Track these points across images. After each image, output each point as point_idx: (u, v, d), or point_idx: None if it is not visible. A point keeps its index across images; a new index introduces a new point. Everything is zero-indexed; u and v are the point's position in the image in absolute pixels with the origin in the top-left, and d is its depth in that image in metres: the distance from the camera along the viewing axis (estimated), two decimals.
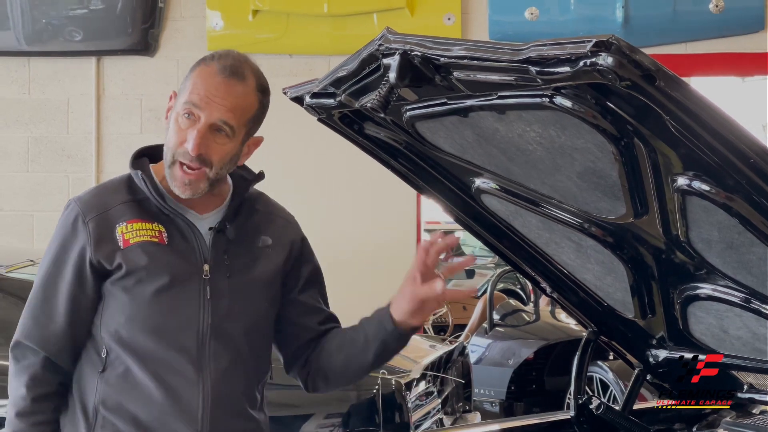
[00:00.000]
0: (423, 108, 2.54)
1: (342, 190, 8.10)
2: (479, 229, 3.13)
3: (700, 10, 7.14)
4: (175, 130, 2.37)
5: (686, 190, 2.24)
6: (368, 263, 8.14)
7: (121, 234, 2.38)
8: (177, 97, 2.40)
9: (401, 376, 5.00)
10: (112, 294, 2.40)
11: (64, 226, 2.44)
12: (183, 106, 2.34)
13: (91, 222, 2.39)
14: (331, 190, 8.10)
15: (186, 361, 2.40)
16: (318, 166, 7.92)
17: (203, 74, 2.36)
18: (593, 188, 2.49)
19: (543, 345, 8.02)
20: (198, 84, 2.35)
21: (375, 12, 7.43)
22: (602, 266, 2.90)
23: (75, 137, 7.70)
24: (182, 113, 2.35)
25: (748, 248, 2.30)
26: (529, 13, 7.29)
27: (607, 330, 3.26)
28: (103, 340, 2.41)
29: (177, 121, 2.36)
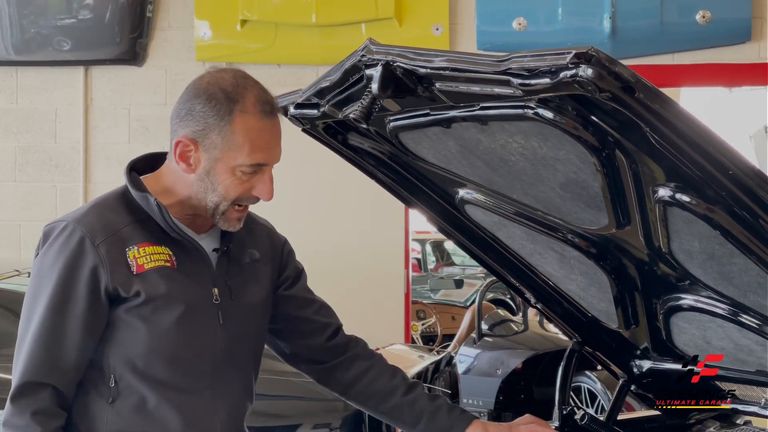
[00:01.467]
0: (406, 119, 2.55)
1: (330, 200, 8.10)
2: (464, 240, 3.13)
3: (687, 21, 7.16)
4: (235, 183, 2.30)
5: (667, 201, 2.25)
6: (357, 273, 8.14)
7: (134, 259, 2.27)
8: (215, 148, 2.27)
9: None
10: (126, 323, 2.28)
11: (66, 248, 2.25)
12: (249, 167, 2.28)
13: (102, 246, 2.25)
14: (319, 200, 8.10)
15: (204, 387, 2.38)
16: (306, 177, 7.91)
17: (255, 129, 2.29)
18: (576, 199, 2.49)
19: (531, 355, 8.01)
20: (256, 141, 2.29)
21: (363, 22, 7.44)
22: (586, 277, 2.90)
23: (63, 147, 7.69)
24: (247, 171, 2.30)
25: (729, 259, 2.30)
26: (517, 24, 7.31)
27: (592, 340, 3.26)
28: (112, 369, 2.30)
29: (236, 175, 2.29)
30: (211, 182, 2.30)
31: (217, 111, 2.25)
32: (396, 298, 8.02)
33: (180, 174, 2.33)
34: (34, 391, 2.21)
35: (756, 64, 7.28)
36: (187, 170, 2.31)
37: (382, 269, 8.21)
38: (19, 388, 2.22)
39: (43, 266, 2.28)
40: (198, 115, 2.26)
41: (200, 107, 2.26)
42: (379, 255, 8.20)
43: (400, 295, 8.12)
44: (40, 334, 2.24)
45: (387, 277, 8.16)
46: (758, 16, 7.26)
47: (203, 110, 2.26)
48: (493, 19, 7.43)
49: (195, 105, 2.27)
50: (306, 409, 5.09)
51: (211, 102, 2.25)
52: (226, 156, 2.27)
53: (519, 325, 8.56)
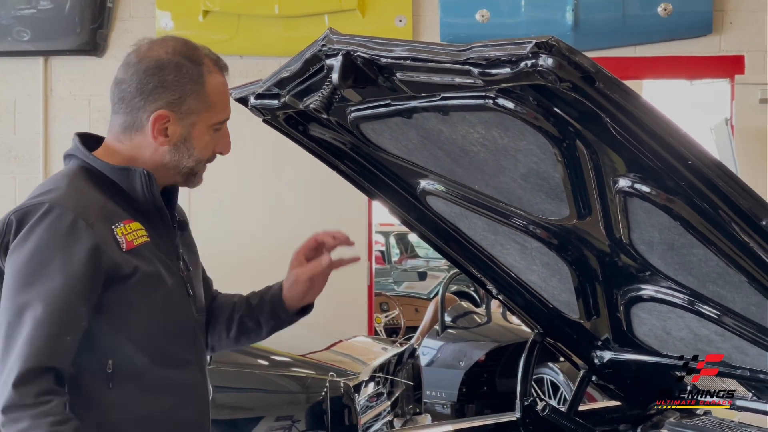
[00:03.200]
0: (367, 109, 2.53)
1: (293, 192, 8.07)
2: (426, 232, 3.13)
3: (649, 14, 7.19)
4: (209, 142, 2.39)
5: (627, 192, 2.25)
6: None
7: (123, 236, 2.26)
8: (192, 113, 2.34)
9: (350, 378, 5.00)
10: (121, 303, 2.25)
11: (57, 230, 2.19)
12: (220, 124, 2.39)
13: (96, 224, 2.22)
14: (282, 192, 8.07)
15: (191, 359, 2.41)
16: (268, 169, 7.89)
17: (221, 85, 2.40)
18: (537, 190, 2.49)
19: (494, 347, 8.03)
20: (223, 96, 2.40)
21: (326, 13, 7.42)
22: (547, 268, 2.91)
23: (22, 138, 7.61)
24: (218, 128, 2.40)
25: (688, 250, 2.31)
26: (480, 16, 7.31)
27: (553, 331, 3.27)
28: (108, 353, 2.25)
29: (207, 134, 2.38)
30: (186, 148, 2.35)
31: (190, 77, 2.32)
32: (359, 290, 8.01)
33: (144, 148, 2.35)
34: (37, 375, 2.14)
35: (717, 57, 7.33)
36: (163, 143, 2.34)
37: None
38: (22, 375, 2.13)
39: (32, 251, 2.19)
40: (172, 86, 2.30)
41: (172, 77, 2.30)
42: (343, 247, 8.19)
43: (363, 287, 8.11)
44: (42, 320, 2.15)
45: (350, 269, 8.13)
46: (719, 9, 7.30)
47: (176, 79, 2.31)
48: (456, 10, 7.42)
49: (165, 76, 2.30)
50: (269, 402, 5.08)
51: (181, 70, 2.31)
52: (203, 117, 2.35)
53: (482, 317, 8.57)
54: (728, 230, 2.09)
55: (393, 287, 13.96)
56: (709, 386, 3.06)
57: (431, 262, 16.07)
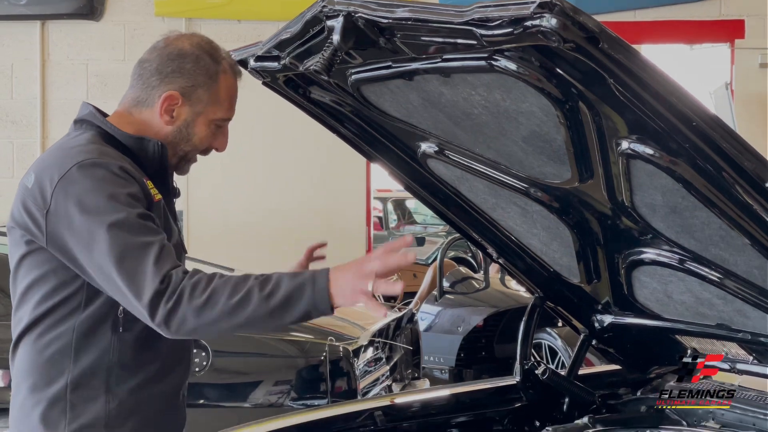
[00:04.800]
0: (368, 71, 2.52)
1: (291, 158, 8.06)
2: (426, 195, 3.11)
3: None
4: (208, 135, 2.55)
5: (630, 154, 2.24)
6: (318, 230, 8.12)
7: (149, 189, 2.41)
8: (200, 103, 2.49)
9: (349, 342, 5.00)
10: None
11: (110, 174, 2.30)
12: (222, 121, 2.56)
13: (132, 172, 2.36)
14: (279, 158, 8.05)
15: None
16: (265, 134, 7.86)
17: (233, 88, 2.57)
18: (538, 152, 2.48)
19: (492, 312, 8.03)
20: (233, 99, 2.57)
21: None
22: (548, 231, 2.90)
23: (19, 103, 7.58)
24: (219, 125, 2.56)
25: (691, 212, 2.30)
26: None
27: (554, 295, 3.27)
28: None
29: (210, 128, 2.54)
30: (187, 133, 2.52)
31: (206, 71, 2.50)
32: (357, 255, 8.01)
33: (151, 123, 2.50)
34: (170, 272, 2.23)
35: (717, 21, 7.30)
36: (168, 122, 2.50)
37: (344, 227, 8.19)
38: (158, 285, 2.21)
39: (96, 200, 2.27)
40: (188, 73, 2.48)
41: (190, 66, 2.49)
42: (341, 213, 8.18)
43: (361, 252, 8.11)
44: (146, 237, 2.25)
45: (348, 235, 8.15)
46: None
47: (193, 69, 2.49)
48: None
49: (184, 64, 2.49)
50: (268, 366, 5.08)
51: (200, 62, 2.50)
52: (209, 110, 2.52)
53: (480, 282, 8.57)
54: (732, 192, 2.08)
55: None
56: (710, 349, 3.06)
57: (429, 228, 16.08)
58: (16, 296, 2.42)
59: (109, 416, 2.36)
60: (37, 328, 2.37)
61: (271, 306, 2.21)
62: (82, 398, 2.35)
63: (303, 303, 2.22)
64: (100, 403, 2.36)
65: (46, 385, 2.37)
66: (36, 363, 2.38)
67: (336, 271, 2.26)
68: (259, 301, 2.21)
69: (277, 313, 2.22)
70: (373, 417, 3.11)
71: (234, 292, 2.21)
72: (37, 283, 2.36)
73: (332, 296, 2.22)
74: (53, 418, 2.35)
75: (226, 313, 2.20)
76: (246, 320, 2.22)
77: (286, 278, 2.25)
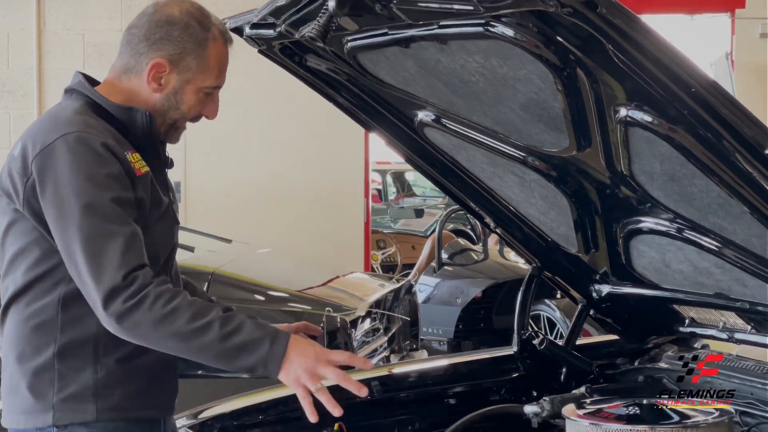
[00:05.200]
0: (364, 38, 2.50)
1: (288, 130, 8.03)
2: (424, 165, 3.10)
3: None
4: (197, 102, 2.48)
5: (629, 122, 2.22)
6: (316, 202, 8.11)
7: (132, 163, 2.37)
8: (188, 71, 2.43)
9: (346, 313, 4.99)
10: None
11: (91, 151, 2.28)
12: (212, 89, 2.49)
13: (114, 148, 2.32)
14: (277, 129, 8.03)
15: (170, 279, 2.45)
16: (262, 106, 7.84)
17: (222, 55, 2.48)
18: (536, 120, 2.46)
19: (491, 284, 8.03)
20: (222, 66, 2.49)
21: None
22: (546, 201, 2.88)
23: (15, 73, 7.55)
24: (208, 92, 2.49)
25: (689, 180, 2.28)
26: None
27: (551, 265, 3.25)
28: None
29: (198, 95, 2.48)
30: (176, 100, 2.47)
31: (195, 38, 2.44)
32: (356, 227, 8.00)
33: (139, 92, 2.47)
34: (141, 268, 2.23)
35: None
36: (156, 90, 2.45)
37: (342, 198, 8.18)
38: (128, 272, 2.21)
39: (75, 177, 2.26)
40: (176, 40, 2.44)
41: (178, 33, 2.44)
42: (339, 184, 8.17)
43: (359, 224, 8.11)
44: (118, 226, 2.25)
45: (347, 206, 8.14)
46: None
47: (181, 36, 2.44)
48: None
49: (172, 31, 2.44)
50: None
51: (189, 29, 2.44)
52: (197, 78, 2.46)
53: (479, 254, 8.57)
54: (731, 159, 2.06)
55: (390, 225, 13.96)
56: (708, 319, 3.05)
57: (428, 200, 16.07)
58: (4, 264, 2.40)
59: (98, 386, 2.34)
60: (23, 298, 2.35)
61: (224, 346, 2.22)
62: (70, 368, 2.33)
63: (254, 357, 2.23)
64: (89, 373, 2.33)
65: (33, 355, 2.35)
66: (23, 333, 2.36)
67: (297, 343, 2.27)
68: (216, 336, 2.21)
69: (227, 354, 2.23)
70: (371, 387, 3.10)
71: (195, 317, 2.22)
72: (23, 252, 2.35)
73: (282, 365, 2.23)
74: (41, 387, 2.33)
75: (181, 335, 2.21)
76: (196, 350, 2.23)
77: (249, 326, 2.25)
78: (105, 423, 2.34)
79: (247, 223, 7.72)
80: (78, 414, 2.33)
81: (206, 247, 6.13)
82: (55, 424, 2.33)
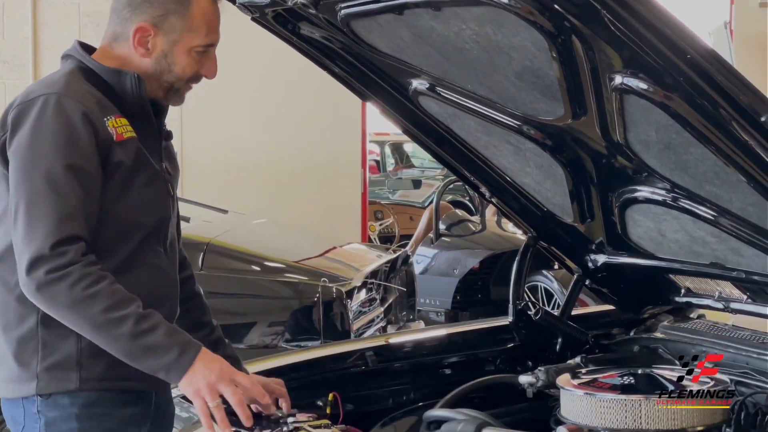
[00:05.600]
0: (357, 5, 2.48)
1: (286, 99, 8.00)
2: (419, 134, 3.08)
3: None
4: (191, 63, 2.44)
5: (624, 89, 2.20)
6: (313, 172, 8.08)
7: (114, 128, 2.34)
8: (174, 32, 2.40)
9: (342, 284, 4.98)
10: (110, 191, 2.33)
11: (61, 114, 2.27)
12: (203, 47, 2.44)
13: (93, 112, 2.31)
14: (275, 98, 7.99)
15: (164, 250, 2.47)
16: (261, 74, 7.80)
17: (210, 12, 2.44)
18: (531, 88, 2.44)
19: (489, 255, 8.03)
20: (211, 23, 2.45)
21: None
22: (541, 170, 2.86)
23: (11, 43, 7.51)
24: (201, 51, 2.45)
25: (685, 148, 2.26)
26: None
27: (547, 235, 3.24)
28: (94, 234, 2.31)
29: (191, 55, 2.44)
30: (167, 63, 2.44)
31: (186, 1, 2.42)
32: (353, 197, 7.98)
33: (131, 58, 2.44)
34: (73, 242, 2.22)
35: None
36: (144, 54, 2.43)
37: (339, 169, 8.16)
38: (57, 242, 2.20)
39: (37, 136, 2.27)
40: (158, 3, 2.41)
41: None
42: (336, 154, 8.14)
43: (356, 194, 8.09)
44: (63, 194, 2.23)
45: (344, 177, 8.12)
46: None
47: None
48: None
49: None
50: (261, 307, 5.08)
51: None
52: (184, 38, 2.42)
53: (477, 225, 8.55)
54: (727, 127, 2.04)
55: (387, 196, 13.94)
56: (704, 289, 3.04)
57: (427, 171, 16.04)
58: None
59: (81, 355, 2.32)
60: (5, 265, 2.33)
61: (133, 344, 2.23)
62: (54, 336, 2.31)
63: (160, 362, 2.24)
64: (72, 341, 2.31)
65: (18, 324, 2.33)
66: (8, 301, 2.34)
67: (205, 357, 2.27)
68: (127, 332, 2.22)
69: (134, 352, 2.24)
70: (365, 357, 3.10)
71: (113, 308, 2.22)
72: (5, 214, 2.32)
73: (186, 375, 2.24)
74: (26, 356, 2.32)
75: (93, 322, 2.22)
76: (104, 340, 2.24)
77: (163, 330, 2.25)
78: (89, 393, 2.33)
79: (244, 194, 7.70)
80: (61, 383, 2.32)
81: (202, 218, 6.12)
82: (38, 393, 2.32)
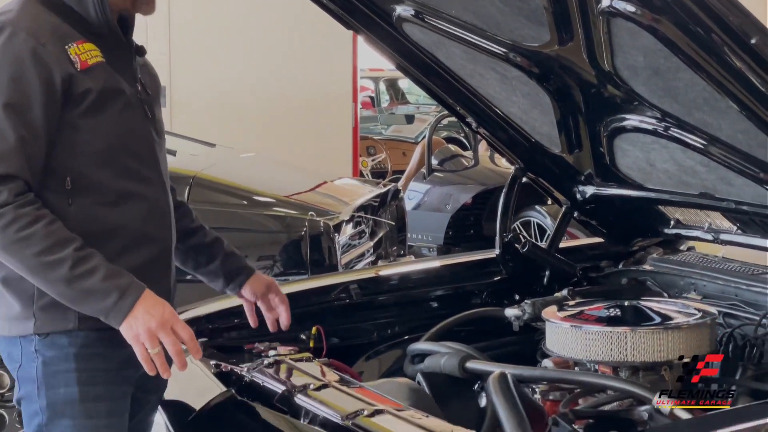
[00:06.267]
0: None
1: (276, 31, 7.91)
2: (403, 62, 3.02)
3: None
4: None
5: (611, 12, 2.13)
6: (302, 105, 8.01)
7: (76, 56, 2.25)
8: None
9: (330, 218, 4.93)
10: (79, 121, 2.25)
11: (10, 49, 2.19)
12: None
13: (48, 44, 2.21)
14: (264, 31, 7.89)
15: (152, 175, 2.39)
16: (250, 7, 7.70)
17: None
18: (516, 13, 2.38)
19: (481, 190, 7.97)
20: None
21: None
22: (528, 99, 2.80)
23: None
24: None
25: (674, 74, 2.20)
26: None
27: (535, 166, 3.20)
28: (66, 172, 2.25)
29: None
30: None
31: None
32: (344, 132, 7.91)
33: None
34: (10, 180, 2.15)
35: None
36: None
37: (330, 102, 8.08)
38: None
39: None
40: None
41: None
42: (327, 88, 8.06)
43: (347, 129, 8.01)
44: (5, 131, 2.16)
45: (335, 111, 8.05)
46: None
47: None
48: None
49: None
50: (250, 241, 5.03)
51: None
52: None
53: (469, 160, 8.49)
54: (716, 51, 1.98)
55: (381, 131, 13.87)
56: (694, 220, 2.99)
57: (422, 107, 15.95)
58: None
59: None
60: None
61: (70, 287, 2.15)
62: None
63: (99, 306, 2.17)
64: None
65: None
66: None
67: (147, 302, 2.20)
68: (63, 276, 2.14)
69: (71, 296, 2.17)
70: (350, 290, 3.06)
71: (47, 251, 2.14)
72: None
73: (126, 320, 2.17)
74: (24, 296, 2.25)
75: (28, 265, 2.15)
76: (41, 283, 2.17)
77: (102, 273, 2.17)
78: (87, 333, 2.25)
79: (234, 130, 7.63)
80: (59, 323, 2.25)
81: (189, 152, 6.05)
82: (36, 332, 2.25)
